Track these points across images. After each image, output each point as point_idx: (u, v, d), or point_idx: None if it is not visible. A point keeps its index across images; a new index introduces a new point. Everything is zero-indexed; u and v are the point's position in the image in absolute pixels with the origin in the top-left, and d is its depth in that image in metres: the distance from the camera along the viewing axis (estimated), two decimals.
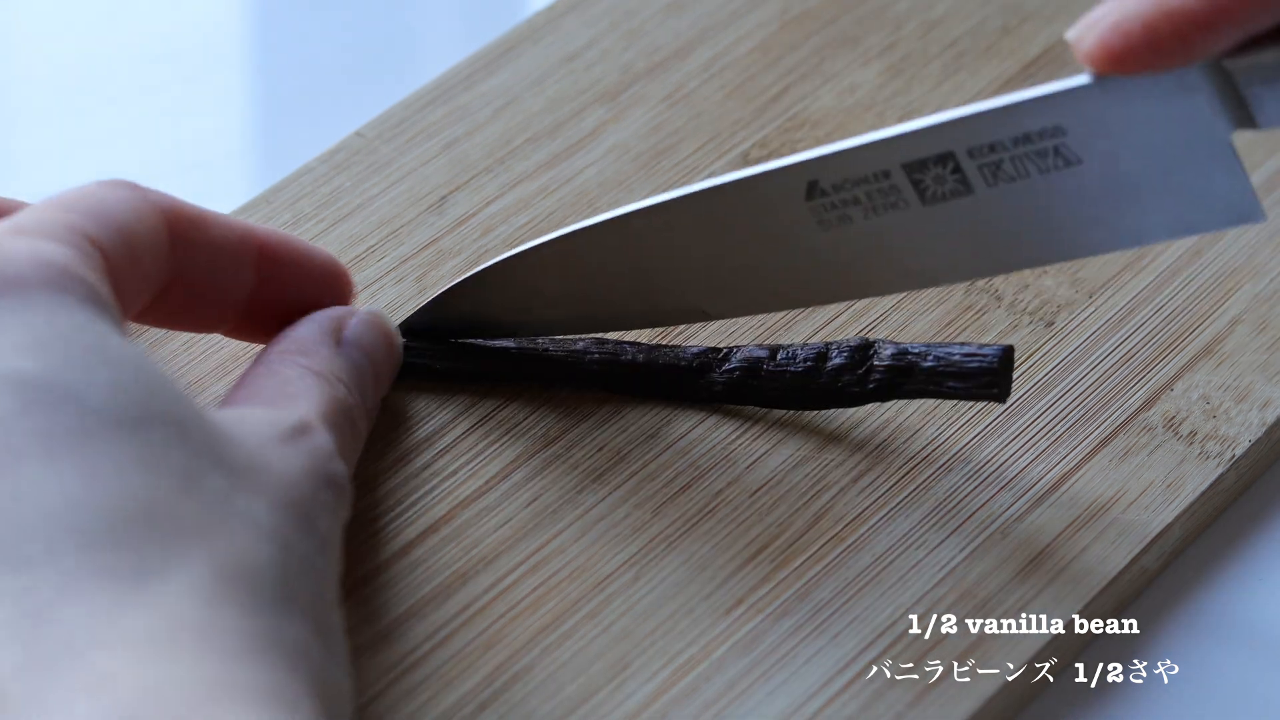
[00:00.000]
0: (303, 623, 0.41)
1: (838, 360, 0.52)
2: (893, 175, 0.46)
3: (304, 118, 0.66)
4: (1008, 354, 0.51)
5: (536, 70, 0.63)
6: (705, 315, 0.51)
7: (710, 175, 0.60)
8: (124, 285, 0.45)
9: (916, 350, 0.52)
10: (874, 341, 0.52)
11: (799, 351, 0.53)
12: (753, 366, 0.53)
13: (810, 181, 0.47)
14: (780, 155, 0.60)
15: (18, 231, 0.43)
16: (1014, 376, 0.54)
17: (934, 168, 0.45)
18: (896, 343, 0.52)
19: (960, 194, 0.45)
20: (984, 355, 0.51)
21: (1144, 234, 0.45)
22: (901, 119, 0.61)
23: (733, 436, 0.53)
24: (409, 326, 0.53)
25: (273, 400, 0.47)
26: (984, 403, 0.52)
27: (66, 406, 0.40)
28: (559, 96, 0.62)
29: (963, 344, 0.52)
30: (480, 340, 0.54)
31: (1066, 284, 0.57)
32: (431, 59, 0.68)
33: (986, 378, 0.51)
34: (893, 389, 0.52)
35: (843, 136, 0.54)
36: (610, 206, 0.59)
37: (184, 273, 0.48)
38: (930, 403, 0.53)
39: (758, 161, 0.60)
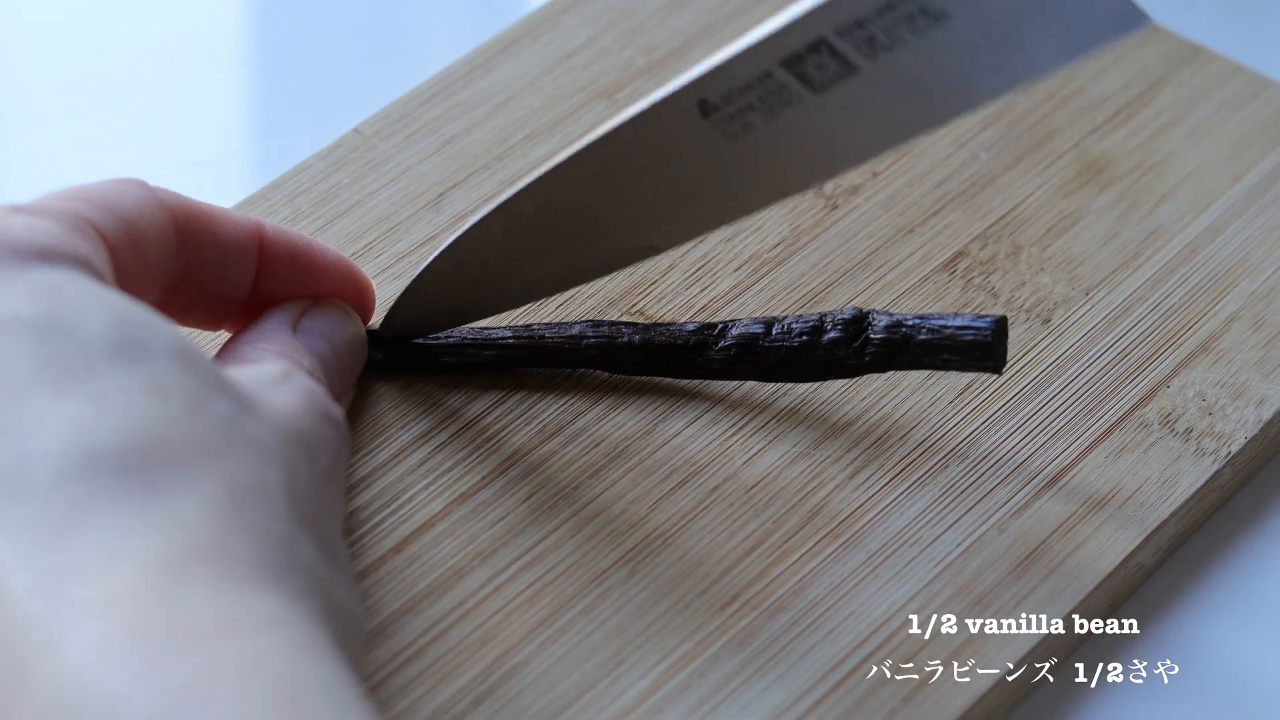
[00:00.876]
0: (311, 546, 0.41)
1: (833, 334, 0.52)
2: (775, 74, 0.46)
3: (302, 115, 0.66)
4: (1001, 325, 0.51)
5: (535, 67, 0.63)
6: (656, 249, 0.50)
7: None
8: (128, 274, 0.46)
9: (911, 323, 0.52)
10: (868, 313, 0.52)
11: (794, 325, 0.53)
12: (749, 342, 0.53)
13: (699, 100, 0.46)
14: None
15: (17, 211, 0.44)
16: (1010, 373, 0.54)
17: (811, 56, 0.45)
18: (890, 313, 0.52)
19: (847, 74, 0.45)
20: (977, 328, 0.51)
21: (1036, 67, 0.45)
22: None
23: (728, 433, 0.53)
24: (378, 337, 0.54)
25: (245, 365, 0.47)
26: (982, 374, 0.52)
27: (69, 341, 0.41)
28: (557, 94, 0.62)
29: (956, 314, 0.52)
30: (466, 332, 0.54)
31: (1064, 281, 0.57)
32: (430, 56, 0.68)
33: (980, 350, 0.51)
34: (888, 361, 0.52)
35: None
36: None
37: (191, 270, 0.49)
38: (926, 398, 0.53)
39: None
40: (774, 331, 0.53)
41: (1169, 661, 0.50)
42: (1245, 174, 0.60)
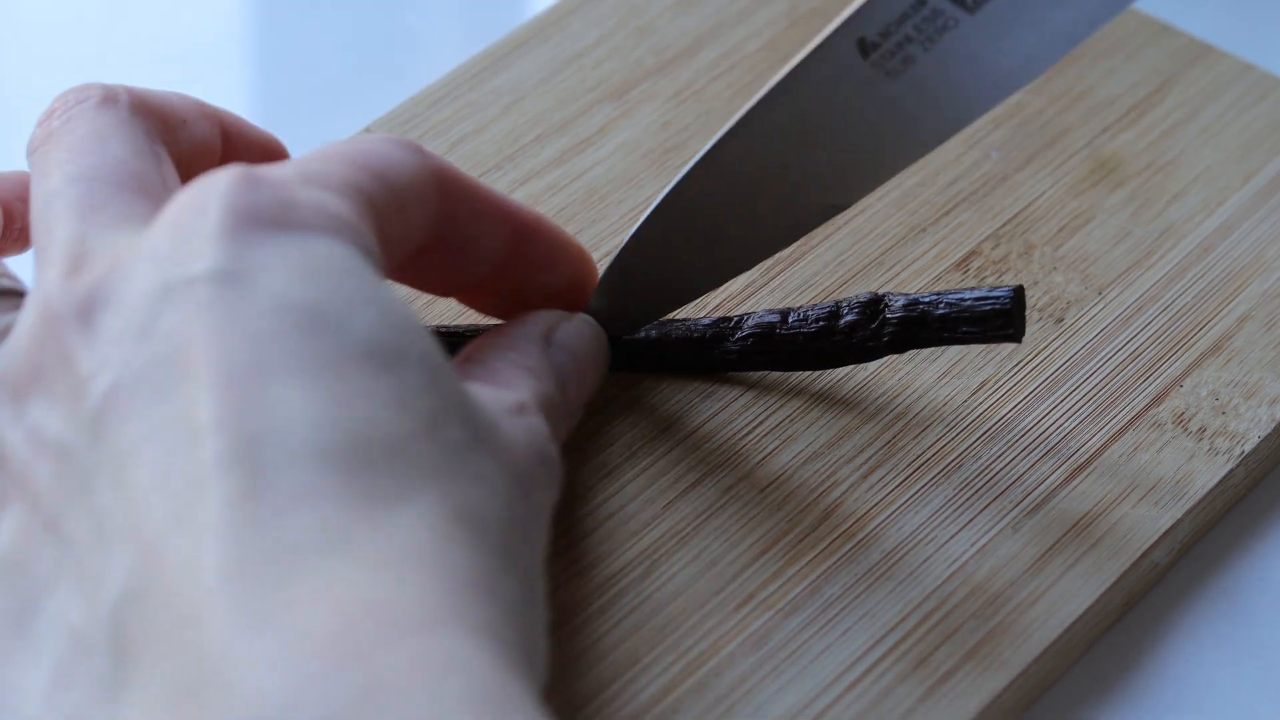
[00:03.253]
0: (515, 583, 0.41)
1: (850, 317, 0.52)
2: (929, 1, 0.46)
3: (312, 115, 0.66)
4: (1019, 293, 0.51)
5: (545, 68, 0.63)
6: (838, 207, 0.50)
7: None
8: (389, 239, 0.46)
9: (927, 300, 0.52)
10: (883, 295, 0.52)
11: (810, 313, 0.53)
12: (766, 332, 0.53)
13: (858, 39, 0.46)
14: None
15: (306, 180, 0.44)
16: (1023, 373, 0.54)
17: None
18: (906, 294, 0.52)
19: None
20: (996, 297, 0.51)
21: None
22: None
23: (743, 432, 0.53)
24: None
25: (490, 383, 0.48)
26: (1000, 343, 0.52)
27: (330, 334, 0.41)
28: (567, 94, 0.62)
29: (973, 289, 0.52)
30: None
31: (1076, 280, 0.57)
32: (439, 56, 0.68)
33: (1000, 319, 0.51)
34: (907, 340, 0.52)
35: None
36: (619, 204, 0.59)
37: (445, 234, 0.49)
38: (939, 398, 0.53)
39: None
40: (790, 319, 0.53)
41: (1178, 657, 0.50)
42: (1256, 173, 0.60)
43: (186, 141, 0.50)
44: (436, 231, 0.48)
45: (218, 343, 0.40)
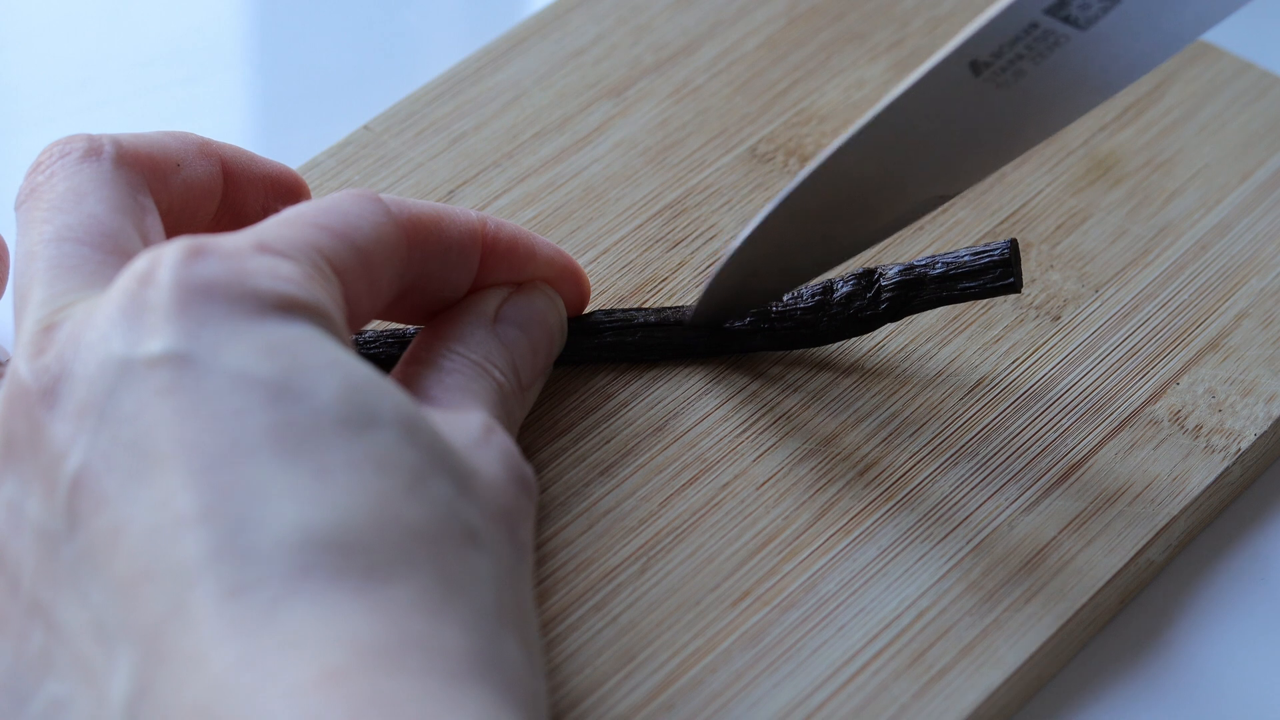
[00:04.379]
0: (512, 637, 0.41)
1: (845, 289, 0.53)
2: (1041, 24, 0.46)
3: (312, 114, 0.66)
4: (1014, 245, 0.51)
5: (544, 65, 0.63)
6: (945, 197, 0.51)
7: (718, 171, 0.60)
8: (356, 303, 0.45)
9: (923, 262, 0.52)
10: (876, 267, 0.53)
11: (804, 290, 0.53)
12: (761, 311, 0.53)
13: (970, 62, 0.47)
14: (788, 150, 0.60)
15: (260, 248, 0.43)
16: (1019, 370, 0.54)
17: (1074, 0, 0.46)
18: (899, 263, 0.52)
19: (1110, 5, 0.45)
20: (991, 250, 0.52)
21: None
22: None
23: (739, 429, 0.53)
24: (694, 322, 0.54)
25: (444, 401, 0.47)
26: (999, 297, 0.52)
27: (298, 406, 0.40)
28: (566, 91, 0.62)
29: (968, 248, 0.52)
30: None
31: (1073, 278, 0.57)
32: (439, 53, 0.68)
33: (999, 269, 0.51)
34: (906, 304, 0.52)
35: None
36: (617, 201, 0.59)
37: (417, 279, 0.48)
38: (936, 395, 0.53)
39: (765, 156, 0.60)
40: (784, 298, 0.53)
41: (1180, 657, 0.50)
42: (1254, 171, 0.60)
43: (179, 187, 0.49)
44: (410, 275, 0.48)
45: (185, 427, 0.40)
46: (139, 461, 0.40)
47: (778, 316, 0.53)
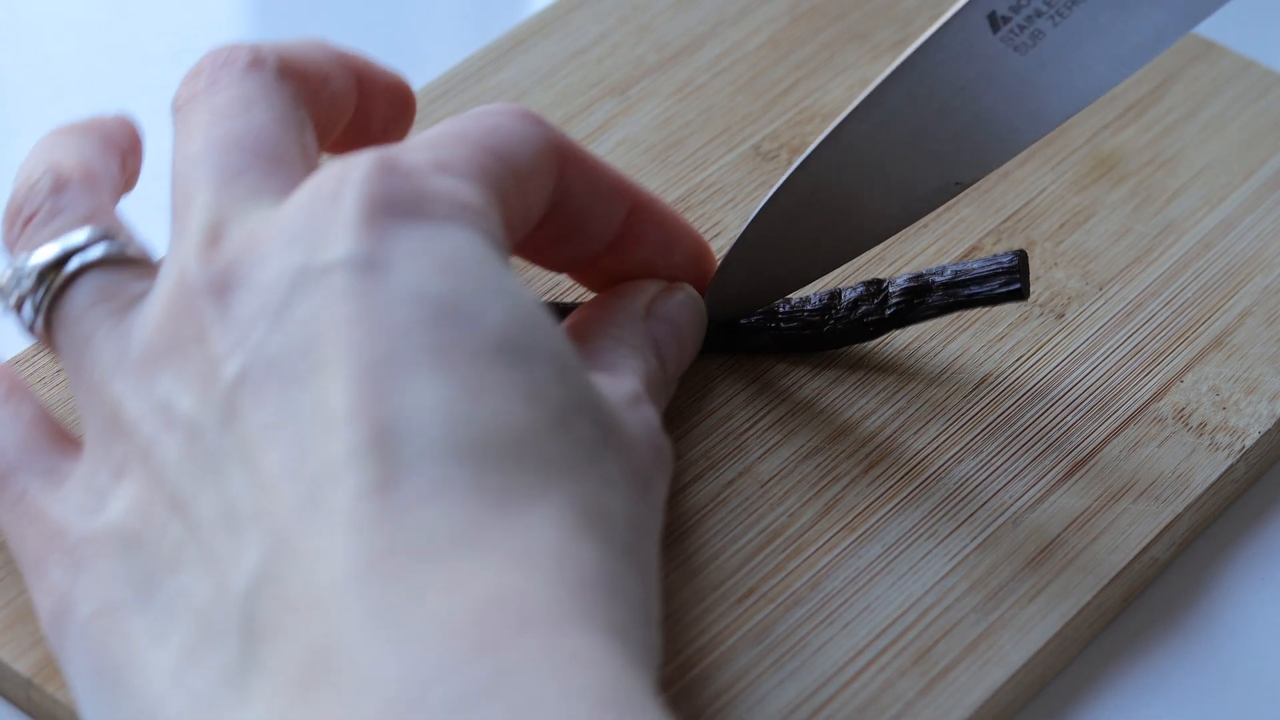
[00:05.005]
0: (639, 580, 0.41)
1: (852, 295, 0.53)
2: None
3: None
4: (1022, 255, 0.52)
5: (546, 64, 0.63)
6: (961, 185, 0.51)
7: (721, 169, 0.60)
8: (511, 222, 0.46)
9: (931, 270, 0.52)
10: (885, 279, 0.53)
11: (811, 295, 0.53)
12: (768, 312, 0.53)
13: (989, 14, 0.46)
14: (791, 149, 0.60)
15: (439, 167, 0.44)
16: (1024, 368, 0.54)
17: None
18: (907, 273, 0.53)
19: None
20: (999, 259, 0.52)
21: None
22: None
23: (744, 426, 0.53)
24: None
25: (602, 365, 0.48)
26: (1007, 304, 0.53)
27: (464, 326, 0.41)
28: (569, 90, 0.62)
29: (977, 258, 0.52)
30: None
31: (1077, 276, 0.57)
32: (441, 53, 0.68)
33: (1005, 276, 0.51)
34: (912, 310, 0.52)
35: None
36: None
37: (560, 208, 0.48)
38: (940, 393, 0.53)
39: (769, 155, 0.60)
40: (792, 300, 0.53)
41: (1184, 655, 0.50)
42: (1257, 169, 0.60)
43: (327, 100, 0.49)
44: (552, 205, 0.48)
45: (353, 333, 0.40)
46: (303, 364, 0.40)
47: (784, 316, 0.53)
